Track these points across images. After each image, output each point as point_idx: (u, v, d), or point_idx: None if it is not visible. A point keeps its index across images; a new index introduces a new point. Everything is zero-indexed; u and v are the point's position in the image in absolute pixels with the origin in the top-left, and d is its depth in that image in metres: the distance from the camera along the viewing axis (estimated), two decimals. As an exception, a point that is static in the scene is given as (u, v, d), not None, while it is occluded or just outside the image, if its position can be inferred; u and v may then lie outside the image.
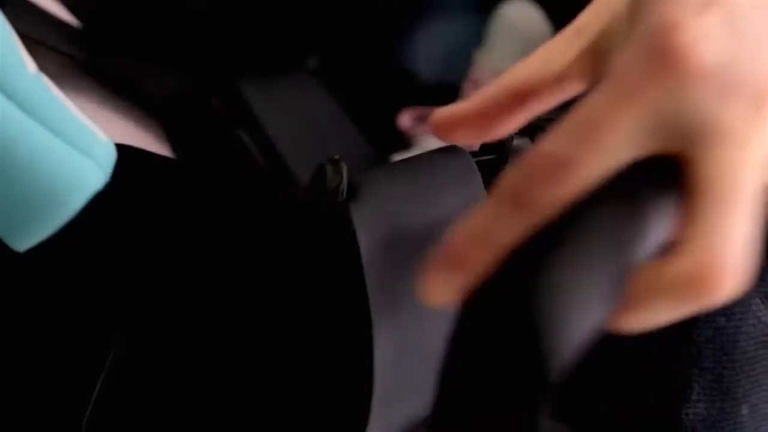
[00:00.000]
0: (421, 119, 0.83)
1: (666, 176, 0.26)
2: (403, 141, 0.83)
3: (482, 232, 0.25)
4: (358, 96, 0.66)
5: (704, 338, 0.37)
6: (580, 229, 0.25)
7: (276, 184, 0.47)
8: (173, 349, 0.36)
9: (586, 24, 0.29)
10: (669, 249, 0.26)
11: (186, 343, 0.36)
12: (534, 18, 0.78)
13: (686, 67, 0.24)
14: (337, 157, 0.38)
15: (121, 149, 0.36)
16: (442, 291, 0.25)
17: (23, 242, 0.33)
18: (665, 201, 0.27)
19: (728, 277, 0.24)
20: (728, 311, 0.37)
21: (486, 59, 0.79)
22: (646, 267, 0.25)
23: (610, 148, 0.25)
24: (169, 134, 0.47)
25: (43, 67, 0.35)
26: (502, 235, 0.25)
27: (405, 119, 0.83)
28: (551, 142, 0.25)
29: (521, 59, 0.31)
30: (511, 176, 0.25)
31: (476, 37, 0.79)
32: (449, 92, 0.79)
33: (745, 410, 0.37)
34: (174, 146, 0.47)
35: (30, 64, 0.33)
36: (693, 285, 0.24)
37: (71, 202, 0.33)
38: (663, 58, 0.25)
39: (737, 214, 0.24)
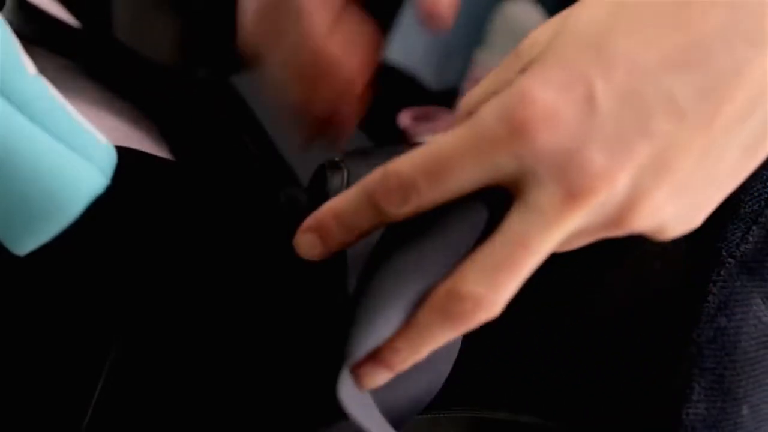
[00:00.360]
0: (421, 118, 0.83)
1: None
2: (403, 140, 0.83)
3: (342, 215, 0.30)
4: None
5: (705, 339, 0.37)
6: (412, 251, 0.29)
7: (276, 184, 0.47)
8: (174, 352, 0.36)
9: (524, 50, 0.31)
10: None
11: (186, 346, 0.36)
12: (534, 18, 0.78)
13: (526, 142, 0.27)
14: (337, 158, 0.38)
15: (121, 152, 0.36)
16: (307, 248, 0.32)
17: (23, 246, 0.33)
18: None
19: (469, 309, 0.28)
20: (729, 312, 0.37)
21: (486, 59, 0.79)
22: None
23: (448, 182, 0.28)
24: (169, 135, 0.47)
25: (42, 68, 0.35)
26: (357, 224, 0.30)
27: (404, 119, 0.82)
28: (406, 163, 0.29)
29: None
30: (371, 177, 0.30)
31: (476, 37, 0.79)
32: (449, 92, 0.79)
33: (745, 410, 0.37)
34: (173, 148, 0.47)
35: (30, 66, 0.33)
36: (441, 307, 0.28)
37: (71, 205, 0.33)
38: (512, 125, 0.27)
39: (506, 268, 0.28)
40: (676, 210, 0.28)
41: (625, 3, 0.28)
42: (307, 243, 0.31)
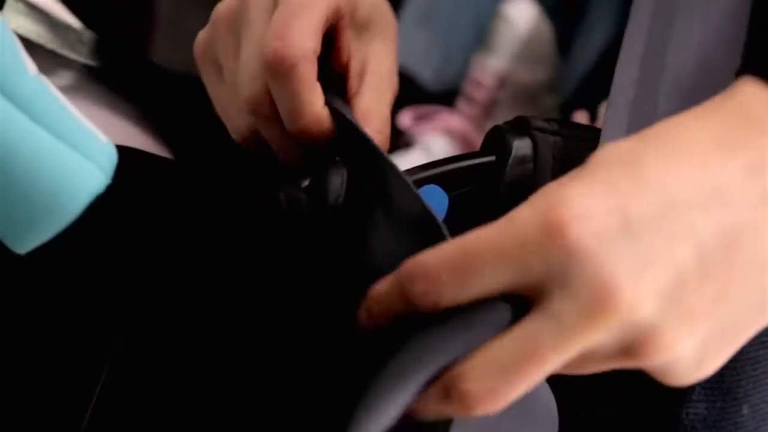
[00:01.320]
0: (421, 118, 0.84)
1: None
2: (404, 140, 0.83)
3: (380, 297, 0.30)
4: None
5: (705, 338, 0.37)
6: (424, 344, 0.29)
7: (276, 184, 0.48)
8: (173, 351, 0.36)
9: None
10: None
11: (186, 344, 0.36)
12: (534, 18, 0.78)
13: (559, 239, 0.27)
14: (337, 158, 0.38)
15: (122, 151, 0.36)
16: (361, 320, 0.32)
17: (24, 244, 0.33)
18: None
19: (464, 405, 0.28)
20: (729, 311, 0.37)
21: (486, 59, 0.79)
22: None
23: (474, 281, 0.28)
24: (170, 135, 0.47)
25: (42, 68, 0.35)
26: (390, 307, 0.30)
27: (405, 118, 0.83)
28: (433, 254, 0.28)
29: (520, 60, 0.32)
30: (402, 271, 0.29)
31: (476, 37, 0.79)
32: (449, 92, 0.79)
33: (745, 410, 0.37)
34: (174, 147, 0.47)
35: (30, 66, 0.33)
36: (442, 393, 0.28)
37: (72, 204, 0.33)
38: (546, 222, 0.27)
39: (512, 373, 0.27)
40: (690, 353, 0.28)
41: (646, 135, 0.29)
42: (360, 317, 0.32)
